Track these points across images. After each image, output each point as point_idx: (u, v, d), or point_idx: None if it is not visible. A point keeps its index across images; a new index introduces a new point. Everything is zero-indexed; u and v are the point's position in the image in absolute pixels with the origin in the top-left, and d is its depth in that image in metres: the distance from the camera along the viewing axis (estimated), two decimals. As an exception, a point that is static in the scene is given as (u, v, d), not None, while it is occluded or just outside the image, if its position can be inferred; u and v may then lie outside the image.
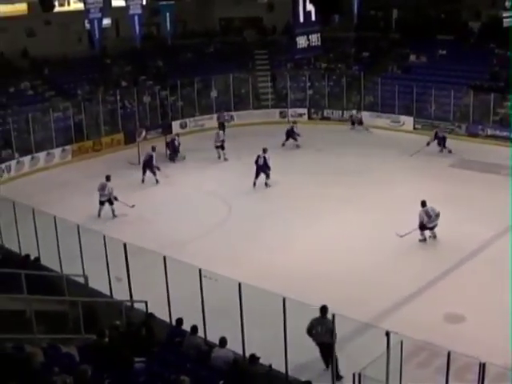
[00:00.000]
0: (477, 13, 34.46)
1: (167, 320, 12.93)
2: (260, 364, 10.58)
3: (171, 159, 26.95)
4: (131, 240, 14.43)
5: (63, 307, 13.07)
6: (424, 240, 18.16)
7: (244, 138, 28.44)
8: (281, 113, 33.69)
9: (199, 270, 11.94)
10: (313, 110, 33.54)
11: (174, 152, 27.15)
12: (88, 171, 25.95)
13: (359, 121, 31.43)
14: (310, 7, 15.32)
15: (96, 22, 24.34)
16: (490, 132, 28.64)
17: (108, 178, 21.32)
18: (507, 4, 25.60)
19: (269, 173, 23.33)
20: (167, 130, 30.67)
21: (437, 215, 17.91)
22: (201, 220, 20.56)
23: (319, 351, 12.00)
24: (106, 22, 28.87)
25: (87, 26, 27.67)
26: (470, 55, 31.89)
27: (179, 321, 11.94)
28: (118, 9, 26.61)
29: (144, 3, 26.37)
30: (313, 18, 15.69)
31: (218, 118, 31.38)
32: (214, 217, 20.87)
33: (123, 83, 32.77)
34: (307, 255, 17.33)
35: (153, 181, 24.32)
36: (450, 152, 26.48)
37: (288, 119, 33.02)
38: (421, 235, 18.12)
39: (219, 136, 27.54)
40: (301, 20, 15.49)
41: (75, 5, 27.35)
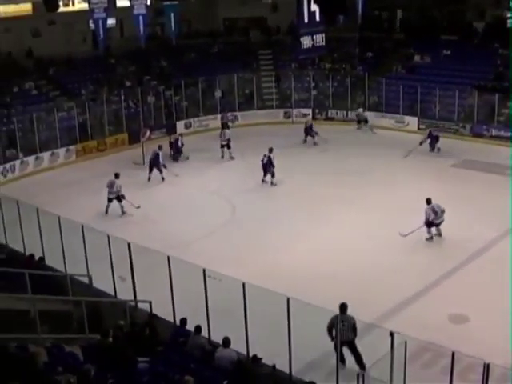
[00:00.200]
0: (481, 13, 34.46)
1: (171, 320, 12.93)
2: (264, 364, 10.58)
3: (175, 159, 26.95)
4: (136, 240, 14.43)
5: (67, 307, 13.09)
6: (431, 238, 18.15)
7: (248, 138, 28.44)
8: (285, 113, 33.69)
9: (203, 270, 11.93)
10: (317, 111, 33.49)
11: (178, 152, 27.17)
12: (92, 171, 26.00)
13: (365, 119, 31.38)
14: (315, 7, 15.37)
15: (100, 22, 24.45)
16: (495, 132, 28.57)
17: (117, 176, 21.53)
18: (512, 4, 25.60)
19: (273, 172, 23.40)
20: (172, 130, 30.71)
21: (442, 211, 18.00)
22: (205, 220, 20.56)
23: (335, 348, 11.95)
24: (111, 22, 28.92)
25: (92, 26, 27.80)
26: (475, 55, 31.82)
27: (183, 321, 11.94)
28: (123, 9, 26.69)
29: (148, 3, 26.41)
30: (317, 19, 15.74)
31: (222, 119, 31.38)
32: (218, 217, 20.88)
33: (127, 83, 32.78)
34: (311, 255, 17.32)
35: (158, 179, 24.43)
36: (439, 150, 26.54)
37: (292, 119, 33.16)
38: (428, 233, 18.12)
39: (225, 135, 27.57)
40: (305, 20, 15.53)
41: (80, 5, 27.49)
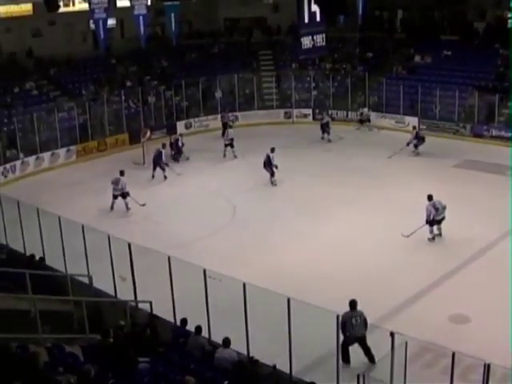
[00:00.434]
0: (482, 13, 34.45)
1: (172, 320, 12.93)
2: (264, 364, 10.58)
3: (175, 159, 26.95)
4: (137, 240, 14.45)
5: (68, 307, 13.09)
6: (433, 239, 18.14)
7: (248, 139, 28.43)
8: (285, 113, 33.70)
9: (204, 271, 11.93)
10: (317, 111, 33.50)
11: (178, 152, 27.18)
12: (93, 171, 26.04)
13: (368, 118, 31.35)
14: (315, 8, 15.34)
15: (101, 23, 24.49)
16: (495, 133, 28.57)
17: (122, 173, 21.78)
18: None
19: (273, 171, 23.44)
20: (172, 131, 30.71)
21: (444, 207, 18.01)
22: (206, 220, 20.56)
23: (343, 346, 12.00)
24: (111, 23, 28.96)
25: (92, 27, 27.80)
26: (475, 56, 31.82)
27: (183, 321, 11.95)
28: (123, 9, 26.71)
29: (149, 3, 26.43)
30: (318, 19, 15.72)
31: (222, 118, 31.41)
32: (219, 216, 20.89)
33: (128, 83, 32.79)
34: (312, 255, 17.33)
35: (159, 179, 24.57)
36: (417, 154, 26.46)
37: (292, 120, 33.21)
38: (430, 233, 18.11)
39: (228, 134, 27.68)
40: (306, 20, 15.51)
41: (80, 5, 27.48)
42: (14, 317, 11.85)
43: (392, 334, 9.82)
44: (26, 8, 28.63)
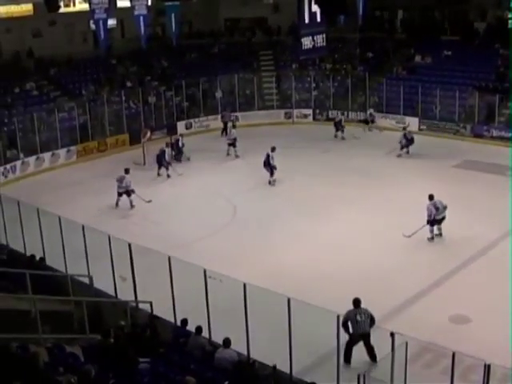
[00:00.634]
0: (482, 14, 34.45)
1: (172, 320, 12.93)
2: (264, 365, 10.58)
3: (177, 159, 26.95)
4: (137, 240, 14.44)
5: (68, 307, 13.09)
6: (432, 239, 18.14)
7: (249, 139, 28.40)
8: (286, 113, 33.71)
9: (204, 271, 11.93)
10: (318, 111, 33.52)
11: (179, 153, 27.18)
12: (93, 172, 26.05)
13: (373, 119, 31.31)
14: (316, 8, 15.35)
15: (101, 23, 24.41)
16: (495, 133, 28.57)
17: (127, 171, 22.04)
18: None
19: (272, 171, 23.48)
20: (172, 131, 30.70)
21: (445, 207, 18.02)
22: (206, 220, 20.57)
23: (348, 344, 12.01)
24: (111, 23, 28.94)
25: (92, 27, 27.78)
26: (476, 56, 31.83)
27: (184, 321, 11.95)
28: (124, 9, 26.69)
29: (149, 4, 26.40)
30: (318, 19, 15.73)
31: (223, 118, 31.45)
32: (219, 217, 20.89)
33: (128, 83, 32.82)
34: (312, 255, 17.33)
35: (160, 179, 24.66)
36: (407, 153, 26.47)
37: (293, 120, 33.21)
38: (430, 232, 18.11)
39: (231, 134, 27.76)
40: (306, 21, 15.53)
41: (80, 5, 27.45)
42: (15, 317, 11.85)
43: (392, 334, 9.83)
44: (27, 8, 28.63)
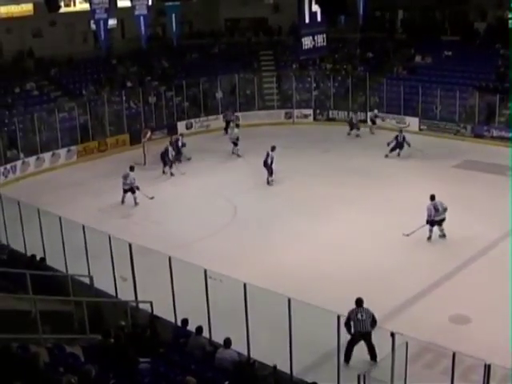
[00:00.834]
0: (482, 14, 34.44)
1: (172, 320, 12.93)
2: (264, 365, 10.58)
3: (176, 159, 26.93)
4: (138, 240, 14.47)
5: (68, 307, 13.09)
6: (429, 238, 18.13)
7: (249, 139, 28.40)
8: (286, 114, 33.70)
9: (204, 271, 11.94)
10: (318, 111, 33.52)
11: (178, 153, 27.17)
12: (93, 172, 26.05)
13: (373, 121, 31.30)
14: (316, 8, 15.35)
15: (102, 23, 24.36)
16: (496, 133, 28.58)
17: (132, 169, 22.38)
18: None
19: (270, 171, 23.51)
20: (172, 131, 30.69)
21: (445, 209, 17.99)
22: (207, 220, 20.57)
23: (349, 343, 12.03)
24: (112, 23, 28.90)
25: (93, 27, 27.77)
26: (476, 56, 31.85)
27: (184, 321, 11.96)
28: (124, 9, 26.67)
29: (150, 4, 26.37)
30: (318, 19, 15.73)
31: (226, 116, 31.52)
32: (220, 217, 20.89)
33: (129, 84, 32.81)
34: (313, 255, 17.34)
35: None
36: (391, 155, 26.41)
37: (293, 120, 33.21)
38: (429, 231, 18.11)
39: (234, 133, 27.93)
40: (306, 21, 15.53)
41: (81, 5, 27.46)
42: (15, 317, 11.85)
43: (392, 334, 9.83)
44: (27, 8, 28.63)
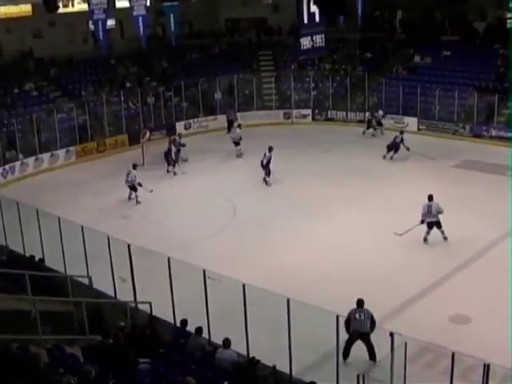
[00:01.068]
0: (482, 14, 34.44)
1: (171, 321, 12.93)
2: (264, 365, 10.58)
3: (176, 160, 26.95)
4: (137, 240, 14.45)
5: (68, 308, 13.08)
6: (425, 240, 18.07)
7: (248, 139, 28.37)
8: (285, 114, 33.69)
9: (203, 271, 11.93)
10: (317, 111, 33.50)
11: (178, 152, 27.14)
12: (92, 172, 26.05)
13: (378, 122, 31.17)
14: (314, 8, 15.35)
15: (100, 23, 24.36)
16: (495, 133, 28.57)
17: (134, 167, 22.78)
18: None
19: (267, 171, 23.51)
20: (171, 131, 30.66)
21: (439, 212, 17.80)
22: (206, 220, 20.56)
23: (348, 342, 12.05)
24: (111, 23, 28.90)
25: (92, 27, 27.76)
26: (475, 56, 31.83)
27: (184, 322, 11.95)
28: (123, 10, 26.65)
29: (148, 4, 26.35)
30: (317, 19, 15.72)
31: (228, 116, 31.74)
32: (219, 217, 20.87)
33: (128, 84, 32.80)
34: (312, 255, 17.33)
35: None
36: (391, 158, 26.22)
37: (292, 120, 33.24)
38: (426, 233, 18.03)
39: (236, 133, 27.96)
40: (305, 21, 15.51)
41: (79, 5, 27.45)
42: (15, 318, 11.84)
43: (392, 335, 9.83)
44: (26, 9, 28.64)
